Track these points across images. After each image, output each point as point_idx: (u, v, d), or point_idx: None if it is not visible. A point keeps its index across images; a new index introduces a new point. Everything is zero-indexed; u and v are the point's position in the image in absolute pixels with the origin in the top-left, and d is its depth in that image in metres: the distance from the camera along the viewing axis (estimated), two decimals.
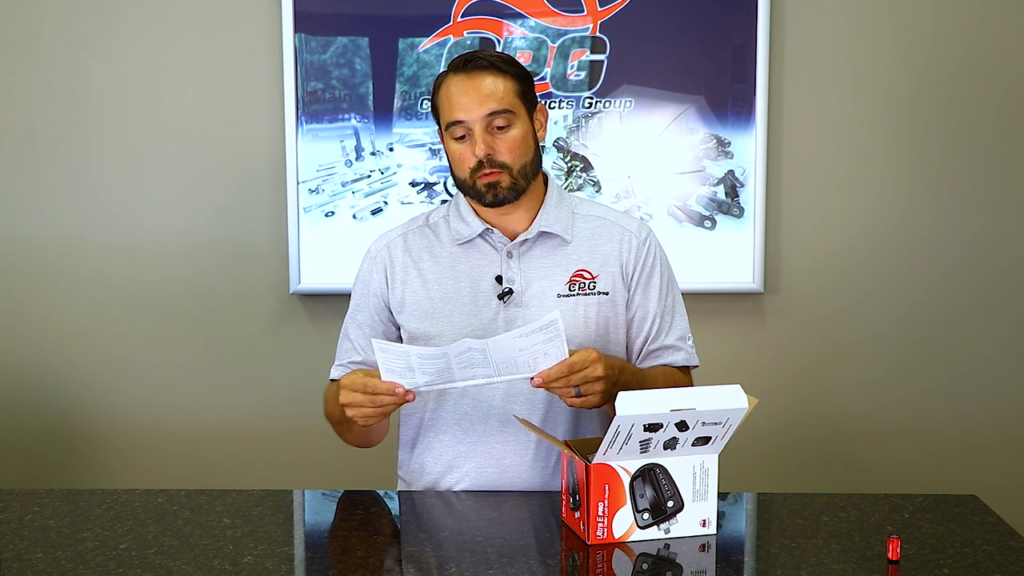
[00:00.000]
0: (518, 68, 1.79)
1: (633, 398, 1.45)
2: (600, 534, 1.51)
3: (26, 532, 1.60)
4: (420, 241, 1.86)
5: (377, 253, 1.88)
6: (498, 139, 1.74)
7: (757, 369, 2.81)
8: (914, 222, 2.80)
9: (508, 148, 1.75)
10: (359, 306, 1.88)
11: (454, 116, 1.74)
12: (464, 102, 1.73)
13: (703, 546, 1.53)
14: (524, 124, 1.77)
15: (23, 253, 2.83)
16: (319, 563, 1.54)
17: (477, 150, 1.73)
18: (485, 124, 1.73)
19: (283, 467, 2.86)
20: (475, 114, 1.73)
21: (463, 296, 1.80)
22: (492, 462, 1.80)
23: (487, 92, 1.73)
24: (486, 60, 1.75)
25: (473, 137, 1.74)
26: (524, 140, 1.76)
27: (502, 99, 1.74)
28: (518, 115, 1.76)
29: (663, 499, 1.53)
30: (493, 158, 1.74)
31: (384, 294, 1.85)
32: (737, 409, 1.50)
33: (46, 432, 2.88)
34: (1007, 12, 2.74)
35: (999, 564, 1.47)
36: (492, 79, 1.74)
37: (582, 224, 1.84)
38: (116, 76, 2.78)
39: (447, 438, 1.83)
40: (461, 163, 1.76)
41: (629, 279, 1.83)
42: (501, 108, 1.73)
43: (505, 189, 1.75)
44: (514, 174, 1.75)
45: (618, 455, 1.49)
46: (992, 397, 2.85)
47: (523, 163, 1.76)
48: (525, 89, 1.78)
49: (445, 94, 1.76)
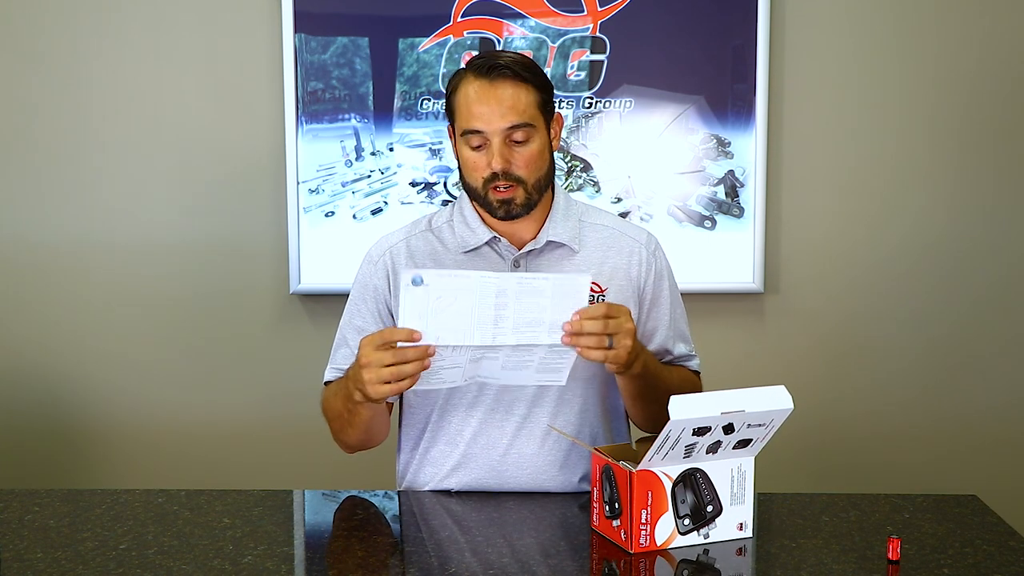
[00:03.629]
0: (540, 77, 1.73)
1: (685, 402, 1.44)
2: (643, 542, 1.49)
3: (26, 532, 1.60)
4: (424, 247, 1.82)
5: (379, 258, 1.82)
6: (516, 152, 1.69)
7: (757, 369, 2.81)
8: (914, 222, 2.80)
9: (525, 162, 1.70)
10: (359, 311, 1.83)
11: (472, 125, 1.69)
12: (484, 112, 1.67)
13: (740, 550, 1.52)
14: (542, 137, 1.72)
15: (23, 253, 2.83)
16: (319, 563, 1.54)
17: (494, 163, 1.68)
18: (504, 137, 1.68)
19: (283, 467, 2.86)
20: (495, 126, 1.67)
21: None
22: (496, 467, 1.79)
23: (509, 104, 1.67)
24: (510, 69, 1.68)
25: (490, 148, 1.69)
26: (541, 154, 1.72)
27: (523, 112, 1.68)
28: (537, 128, 1.71)
29: (703, 504, 1.52)
30: (509, 172, 1.69)
31: (387, 300, 1.80)
32: (783, 410, 1.49)
33: (46, 432, 2.87)
34: (1008, 12, 2.74)
35: (999, 564, 1.47)
36: (515, 90, 1.68)
37: (590, 233, 1.82)
38: (116, 76, 2.78)
39: (452, 443, 1.81)
40: (474, 171, 1.72)
41: (640, 292, 1.81)
42: (522, 122, 1.68)
43: (519, 206, 1.71)
44: (528, 188, 1.71)
45: (662, 461, 1.48)
46: (992, 397, 2.85)
47: (538, 177, 1.72)
48: (545, 99, 1.73)
49: (464, 98, 1.70)
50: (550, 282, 1.54)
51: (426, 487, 1.83)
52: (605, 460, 1.54)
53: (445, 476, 1.81)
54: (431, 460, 1.83)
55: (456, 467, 1.80)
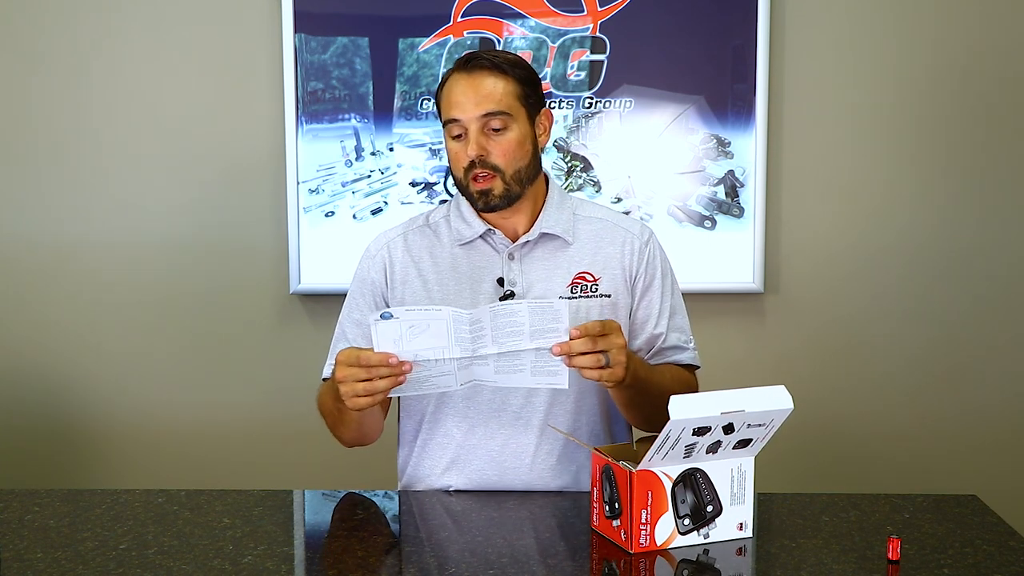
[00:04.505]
0: (523, 71, 1.77)
1: (685, 402, 1.44)
2: (643, 542, 1.49)
3: (26, 532, 1.60)
4: (420, 241, 1.85)
5: (377, 252, 1.86)
6: (492, 141, 1.73)
7: (757, 369, 2.81)
8: (914, 222, 2.80)
9: (502, 151, 1.74)
10: (357, 305, 1.86)
11: (451, 114, 1.75)
12: (461, 101, 1.73)
13: (740, 550, 1.52)
14: (522, 128, 1.75)
15: (23, 253, 2.83)
16: (319, 563, 1.54)
17: (470, 150, 1.72)
18: (480, 125, 1.73)
19: (283, 467, 2.86)
20: (471, 114, 1.73)
21: (463, 297, 1.79)
22: (493, 461, 1.80)
23: (485, 93, 1.72)
24: (488, 60, 1.75)
25: (467, 137, 1.74)
26: (520, 144, 1.75)
27: (499, 101, 1.73)
28: (515, 118, 1.74)
29: (703, 503, 1.52)
30: (485, 159, 1.73)
31: (384, 293, 1.84)
32: (783, 410, 1.50)
33: (46, 432, 2.88)
34: (1008, 12, 2.74)
35: (999, 564, 1.47)
36: (492, 80, 1.73)
37: (583, 226, 1.84)
38: (116, 76, 2.78)
39: (448, 436, 1.82)
40: (456, 162, 1.76)
41: (632, 282, 1.83)
42: (497, 110, 1.73)
43: (497, 196, 1.75)
44: (507, 179, 1.74)
45: (662, 460, 1.48)
46: (993, 397, 2.85)
47: (517, 168, 1.75)
48: (527, 92, 1.77)
49: (447, 91, 1.76)
50: (525, 306, 1.54)
51: (426, 480, 1.84)
52: (605, 460, 1.54)
53: (444, 470, 1.82)
54: (429, 454, 1.84)
55: (454, 460, 1.81)
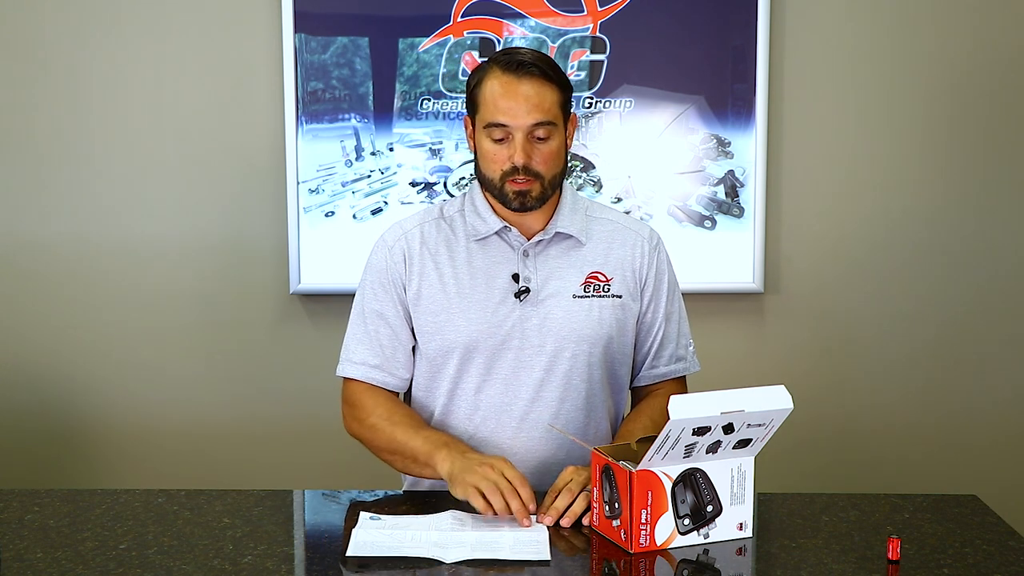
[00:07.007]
0: (563, 77, 1.78)
1: (685, 402, 1.44)
2: (643, 542, 1.49)
3: (26, 532, 1.60)
4: (436, 234, 1.85)
5: (395, 242, 1.85)
6: (537, 149, 1.74)
7: (757, 369, 2.81)
8: (914, 222, 2.80)
9: (544, 159, 1.75)
10: (376, 295, 1.84)
11: (497, 118, 1.73)
12: (511, 107, 1.72)
13: (740, 550, 1.53)
14: (561, 136, 1.78)
15: (23, 253, 2.83)
16: (319, 563, 1.54)
17: (516, 158, 1.73)
18: (527, 133, 1.73)
19: (283, 467, 2.86)
20: (520, 121, 1.72)
21: (478, 292, 1.80)
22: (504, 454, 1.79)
23: (535, 102, 1.72)
24: (537, 67, 1.74)
25: (512, 143, 1.73)
26: (559, 152, 1.78)
27: (548, 110, 1.74)
28: (558, 127, 1.76)
29: (703, 503, 1.52)
30: (529, 167, 1.74)
31: (404, 283, 1.83)
32: (782, 410, 1.50)
33: (46, 432, 2.87)
34: (1009, 12, 2.74)
35: (999, 564, 1.47)
36: (540, 88, 1.73)
37: (595, 227, 1.86)
38: (116, 76, 2.78)
39: (455, 435, 1.82)
40: (493, 163, 1.76)
41: (641, 285, 1.86)
42: (546, 120, 1.73)
43: (534, 199, 1.76)
44: (545, 184, 1.76)
45: (662, 460, 1.48)
46: (992, 397, 2.85)
47: (555, 173, 1.78)
48: (566, 99, 1.79)
49: (490, 92, 1.74)
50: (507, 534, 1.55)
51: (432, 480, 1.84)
52: (605, 460, 1.54)
53: None
54: None
55: None
